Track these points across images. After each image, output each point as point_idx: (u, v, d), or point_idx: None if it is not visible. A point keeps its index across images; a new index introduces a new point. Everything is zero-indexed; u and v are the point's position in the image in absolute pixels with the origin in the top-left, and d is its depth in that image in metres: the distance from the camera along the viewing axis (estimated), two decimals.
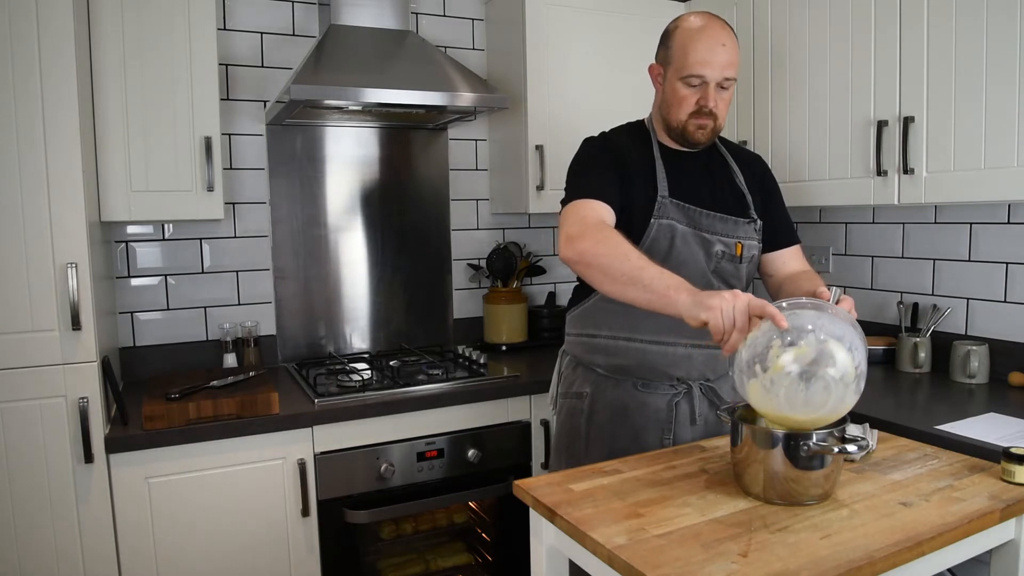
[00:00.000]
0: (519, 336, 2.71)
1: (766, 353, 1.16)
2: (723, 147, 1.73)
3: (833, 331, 1.16)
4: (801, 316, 1.18)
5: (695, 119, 1.56)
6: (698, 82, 1.53)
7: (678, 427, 1.63)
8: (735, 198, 1.67)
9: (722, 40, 1.53)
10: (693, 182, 1.63)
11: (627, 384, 1.64)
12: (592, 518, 1.15)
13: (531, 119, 2.47)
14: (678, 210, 1.58)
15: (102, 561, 1.79)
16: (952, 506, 1.17)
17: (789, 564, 0.99)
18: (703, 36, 1.52)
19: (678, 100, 1.56)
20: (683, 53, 1.53)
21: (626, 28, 2.59)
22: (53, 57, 1.67)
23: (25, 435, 1.71)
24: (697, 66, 1.52)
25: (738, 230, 1.63)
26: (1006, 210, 2.02)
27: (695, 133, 1.58)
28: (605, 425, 1.65)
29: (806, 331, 1.15)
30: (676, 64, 1.55)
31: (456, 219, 2.77)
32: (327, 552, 2.02)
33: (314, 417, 1.96)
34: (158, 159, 2.01)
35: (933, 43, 1.82)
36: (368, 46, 2.26)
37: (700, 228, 1.59)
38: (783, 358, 1.14)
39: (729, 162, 1.71)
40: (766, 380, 1.16)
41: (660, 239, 1.57)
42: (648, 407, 1.63)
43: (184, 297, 2.39)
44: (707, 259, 1.60)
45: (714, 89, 1.54)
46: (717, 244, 1.60)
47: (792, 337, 1.15)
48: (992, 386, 1.98)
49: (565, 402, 1.74)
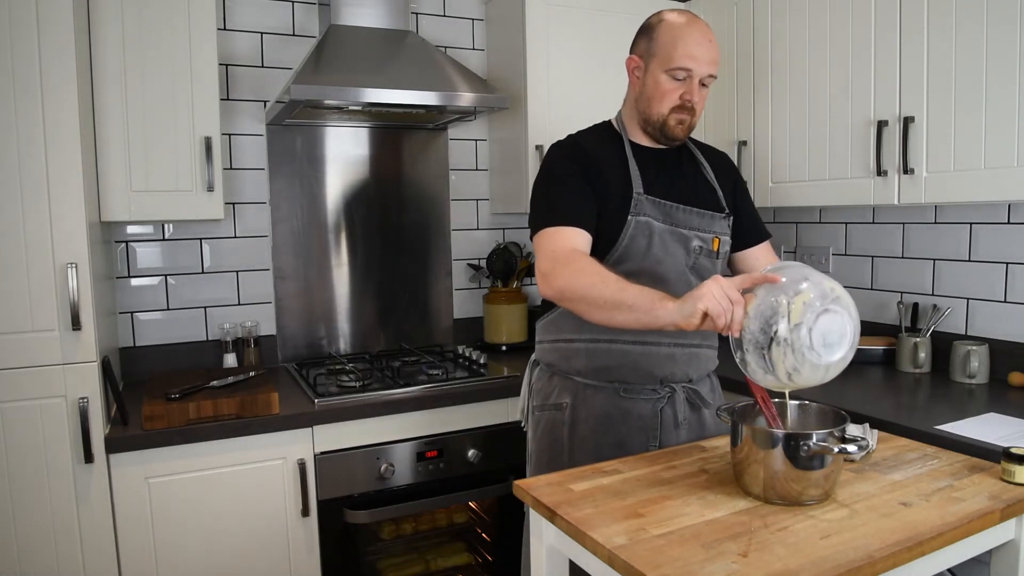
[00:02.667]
0: (519, 336, 2.71)
1: (777, 310, 1.17)
2: (691, 144, 1.71)
3: (820, 275, 1.22)
4: (789, 271, 1.22)
5: (676, 113, 1.55)
6: (684, 75, 1.52)
7: (663, 433, 1.61)
8: (707, 193, 1.66)
9: (709, 36, 1.54)
10: (666, 178, 1.62)
11: (609, 391, 1.60)
12: (592, 518, 1.15)
13: (531, 119, 2.47)
14: (654, 207, 1.56)
15: (102, 561, 1.79)
16: (952, 506, 1.17)
17: (789, 564, 0.99)
18: (691, 30, 1.52)
19: (661, 93, 1.55)
20: (671, 45, 1.52)
21: (626, 28, 2.57)
22: (53, 57, 1.67)
23: (25, 435, 1.71)
24: (686, 59, 1.51)
25: (714, 225, 1.62)
26: (1006, 210, 2.02)
27: (675, 128, 1.57)
28: (588, 435, 1.61)
29: (802, 279, 1.20)
30: (662, 56, 1.53)
31: (456, 219, 2.77)
32: (327, 552, 2.02)
33: (314, 417, 1.96)
34: (158, 159, 2.01)
35: (933, 43, 1.82)
36: (368, 46, 2.26)
37: (677, 224, 1.58)
38: (800, 298, 1.17)
39: (699, 158, 1.70)
40: (791, 334, 1.16)
41: (638, 237, 1.55)
42: (632, 414, 1.59)
43: (184, 297, 2.39)
44: (686, 255, 1.59)
45: (697, 84, 1.53)
46: (695, 239, 1.59)
47: (793, 289, 1.18)
48: (992, 386, 1.98)
49: (543, 415, 1.68)
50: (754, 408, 1.33)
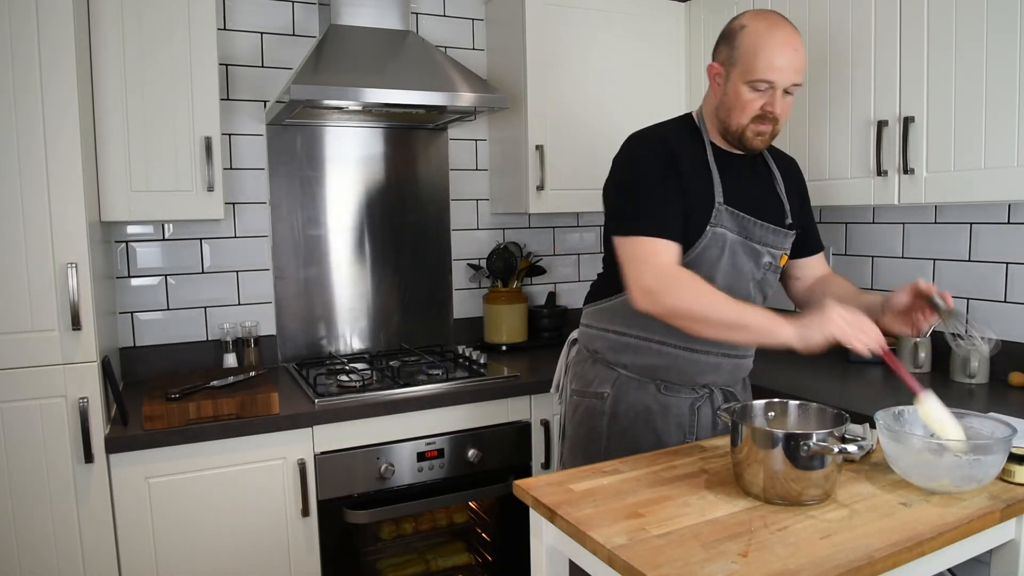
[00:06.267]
0: (519, 336, 2.71)
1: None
2: (765, 150, 1.66)
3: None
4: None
5: (756, 124, 1.50)
6: (765, 87, 1.46)
7: (700, 430, 1.64)
8: (776, 206, 1.63)
9: (794, 44, 1.46)
10: (743, 188, 1.57)
11: (650, 386, 1.63)
12: (592, 518, 1.15)
13: (531, 119, 2.47)
14: (732, 218, 1.54)
15: (102, 561, 1.79)
16: (952, 506, 1.17)
17: (789, 564, 0.99)
18: (775, 39, 1.45)
19: (742, 104, 1.49)
20: (752, 56, 1.45)
21: (626, 28, 2.59)
22: (53, 57, 1.67)
23: (25, 435, 1.71)
24: (768, 71, 1.44)
25: (785, 242, 1.61)
26: (1006, 210, 2.02)
27: (753, 139, 1.52)
28: (627, 428, 1.63)
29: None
30: (743, 66, 1.47)
31: (456, 219, 2.77)
32: (327, 552, 2.02)
33: (314, 417, 1.96)
34: (158, 159, 2.01)
35: (933, 43, 1.82)
36: (368, 46, 2.26)
37: (751, 239, 1.56)
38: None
39: (772, 168, 1.67)
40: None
41: (712, 247, 1.53)
42: (670, 410, 1.62)
43: (184, 297, 2.39)
44: (755, 269, 1.58)
45: (780, 94, 1.47)
46: (766, 255, 1.58)
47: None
48: (992, 386, 1.98)
49: (583, 401, 1.70)
50: (754, 408, 1.35)
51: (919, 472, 1.21)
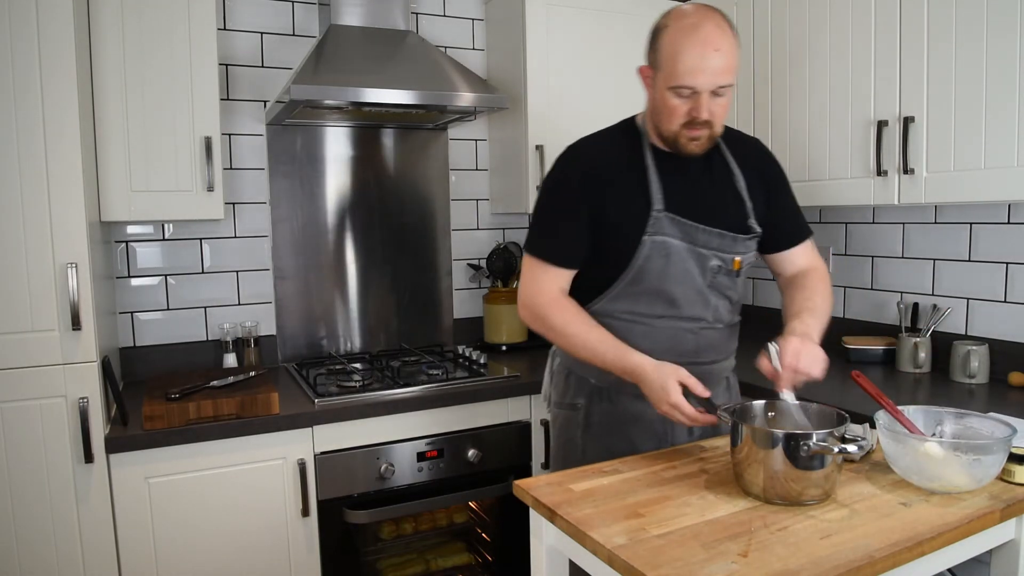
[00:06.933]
0: (519, 336, 2.71)
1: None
2: (723, 143, 1.57)
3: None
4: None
5: (688, 130, 1.41)
6: (688, 92, 1.37)
7: (675, 438, 1.60)
8: (735, 207, 1.54)
9: (715, 44, 1.34)
10: (690, 191, 1.50)
11: (622, 396, 1.58)
12: (592, 518, 1.15)
13: (531, 119, 2.47)
14: (673, 225, 1.47)
15: (102, 561, 1.79)
16: (952, 506, 1.17)
17: (789, 564, 0.99)
18: (694, 41, 1.34)
19: (668, 110, 1.41)
20: (671, 60, 1.36)
21: (626, 28, 2.59)
22: (53, 57, 1.67)
23: (25, 435, 1.71)
24: (688, 76, 1.35)
25: (736, 246, 1.53)
26: (1006, 210, 2.02)
27: (688, 145, 1.44)
28: (602, 437, 1.60)
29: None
30: (665, 71, 1.38)
31: (456, 219, 2.77)
32: (327, 552, 2.02)
33: (314, 417, 1.96)
34: (158, 159, 2.01)
35: (933, 43, 1.82)
36: (368, 46, 2.27)
37: (696, 243, 1.49)
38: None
39: (730, 164, 1.57)
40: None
41: (654, 257, 1.47)
42: (644, 418, 1.57)
43: (184, 297, 2.39)
44: (702, 274, 1.51)
45: (707, 98, 1.38)
46: (713, 259, 1.50)
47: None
48: (992, 386, 1.98)
49: (560, 412, 1.68)
50: (754, 408, 1.35)
51: (919, 472, 1.21)
